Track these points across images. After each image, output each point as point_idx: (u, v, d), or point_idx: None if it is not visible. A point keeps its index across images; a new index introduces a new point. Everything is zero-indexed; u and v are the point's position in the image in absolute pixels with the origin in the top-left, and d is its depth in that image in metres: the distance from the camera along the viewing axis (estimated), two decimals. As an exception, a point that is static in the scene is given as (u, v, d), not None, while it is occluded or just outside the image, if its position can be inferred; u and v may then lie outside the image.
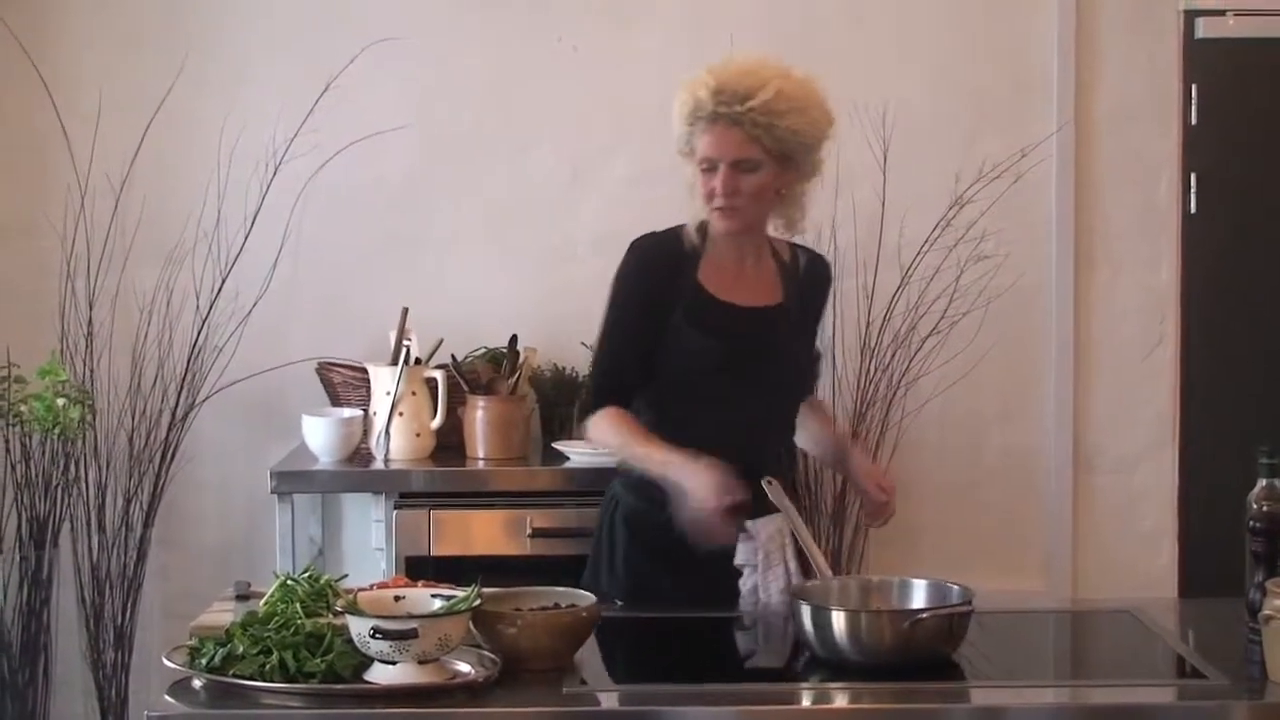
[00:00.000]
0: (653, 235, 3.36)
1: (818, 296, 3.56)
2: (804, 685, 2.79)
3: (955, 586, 2.88)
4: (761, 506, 3.26)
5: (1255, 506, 2.83)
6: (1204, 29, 4.94)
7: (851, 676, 2.74)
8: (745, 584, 3.27)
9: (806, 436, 3.57)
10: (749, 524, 3.27)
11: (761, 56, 3.29)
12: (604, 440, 3.32)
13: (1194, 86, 4.97)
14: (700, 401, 3.29)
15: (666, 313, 3.27)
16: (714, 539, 3.08)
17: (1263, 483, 2.83)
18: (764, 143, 3.22)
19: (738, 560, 3.26)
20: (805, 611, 2.78)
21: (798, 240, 3.52)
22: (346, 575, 3.02)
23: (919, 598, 2.92)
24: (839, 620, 2.74)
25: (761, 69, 3.24)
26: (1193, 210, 5.00)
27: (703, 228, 3.32)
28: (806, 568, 3.25)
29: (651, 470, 3.20)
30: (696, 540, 3.08)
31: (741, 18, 4.85)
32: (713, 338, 3.28)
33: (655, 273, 3.31)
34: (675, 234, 3.34)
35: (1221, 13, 4.94)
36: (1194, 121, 4.98)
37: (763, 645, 3.11)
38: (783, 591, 3.24)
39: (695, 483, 3.07)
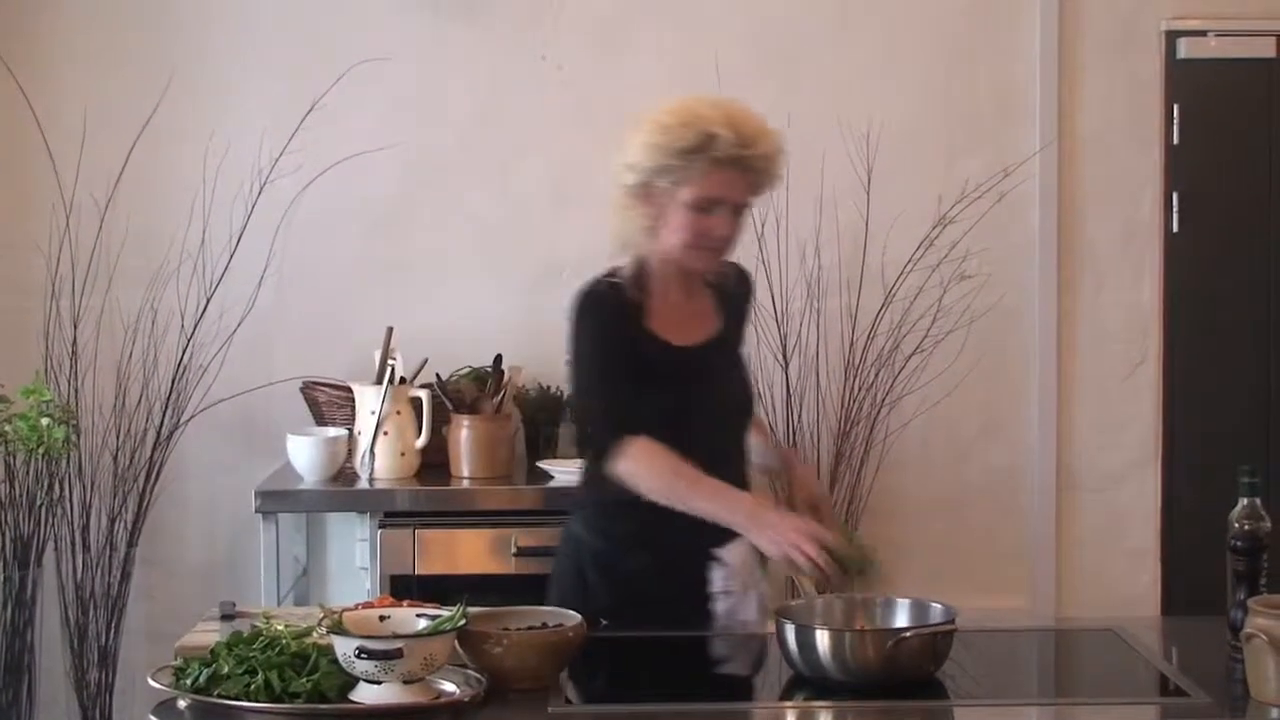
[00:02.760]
0: (594, 290, 3.27)
1: (743, 308, 3.51)
2: (787, 705, 2.79)
3: (938, 605, 2.89)
4: (728, 533, 3.21)
5: (1236, 525, 2.84)
6: (1185, 49, 4.97)
7: (835, 695, 2.74)
8: (720, 608, 3.24)
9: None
10: (719, 552, 3.23)
11: (733, 100, 3.24)
12: (642, 474, 3.13)
13: (1176, 106, 4.99)
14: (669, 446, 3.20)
15: (629, 361, 3.22)
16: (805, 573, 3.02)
17: (1244, 501, 2.85)
18: (756, 189, 3.22)
19: (715, 587, 3.24)
20: (789, 630, 2.79)
21: None
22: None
23: (902, 617, 2.93)
24: (823, 639, 2.75)
25: (752, 115, 3.20)
26: (1175, 229, 5.02)
27: (638, 267, 3.27)
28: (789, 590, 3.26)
29: (705, 511, 3.12)
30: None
31: (726, 38, 4.87)
32: (666, 383, 3.22)
33: (612, 326, 3.23)
34: (615, 285, 3.26)
35: (1203, 33, 4.97)
36: (1176, 141, 5.00)
37: (747, 665, 3.11)
38: (758, 613, 3.23)
39: (776, 534, 3.02)
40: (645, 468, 3.13)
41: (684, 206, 3.17)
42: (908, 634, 2.76)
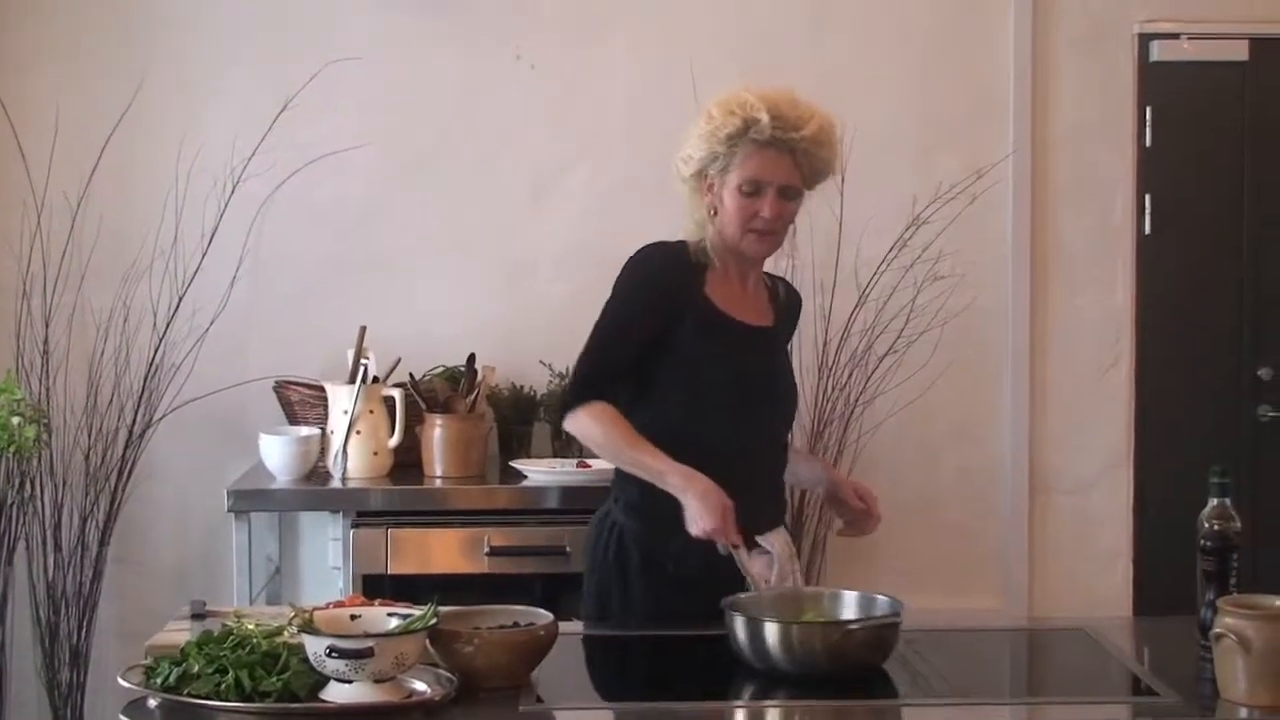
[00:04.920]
0: (661, 244, 3.38)
1: (793, 319, 3.62)
2: (738, 704, 2.79)
3: (884, 598, 2.94)
4: (768, 521, 3.31)
5: (1206, 526, 2.85)
6: (1158, 52, 4.98)
7: (788, 688, 2.77)
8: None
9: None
10: (759, 540, 3.28)
11: (782, 87, 3.33)
12: (588, 434, 3.28)
13: (1148, 109, 5.01)
14: (708, 415, 3.31)
15: (669, 321, 3.29)
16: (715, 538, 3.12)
17: (1214, 502, 2.85)
18: (804, 172, 3.31)
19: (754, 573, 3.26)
20: (738, 622, 2.82)
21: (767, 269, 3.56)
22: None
23: (850, 609, 2.97)
24: (771, 631, 2.78)
25: (800, 100, 3.30)
26: (1147, 231, 5.03)
27: (701, 247, 3.36)
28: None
29: (642, 475, 3.22)
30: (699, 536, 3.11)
31: (700, 37, 4.87)
32: (722, 350, 3.31)
33: (663, 279, 3.32)
34: (682, 246, 3.37)
35: (1175, 36, 4.99)
36: (1149, 143, 5.02)
37: (715, 661, 3.11)
38: None
39: (695, 503, 3.12)
40: (598, 425, 3.25)
41: (734, 191, 3.29)
42: (853, 626, 2.80)
